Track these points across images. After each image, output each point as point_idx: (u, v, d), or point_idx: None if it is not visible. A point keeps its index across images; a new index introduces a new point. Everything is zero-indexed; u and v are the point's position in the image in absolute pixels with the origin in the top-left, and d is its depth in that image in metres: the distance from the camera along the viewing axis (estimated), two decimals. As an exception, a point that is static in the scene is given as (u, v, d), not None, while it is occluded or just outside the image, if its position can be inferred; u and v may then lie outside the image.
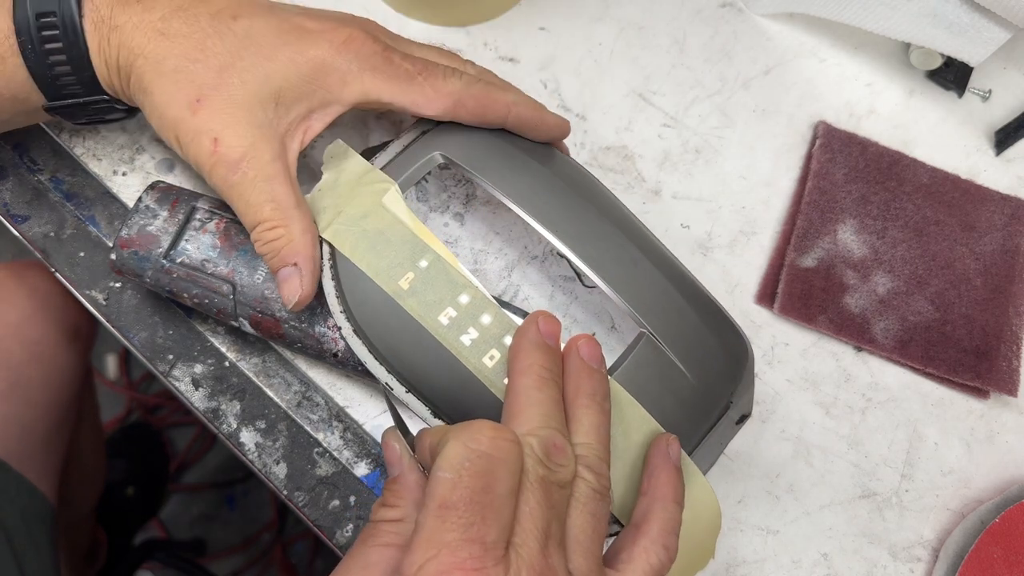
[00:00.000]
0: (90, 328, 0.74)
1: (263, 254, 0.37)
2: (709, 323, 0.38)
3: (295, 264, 0.36)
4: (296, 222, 0.36)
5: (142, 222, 0.39)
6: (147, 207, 0.39)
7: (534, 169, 0.38)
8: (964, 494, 0.45)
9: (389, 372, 0.36)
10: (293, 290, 0.36)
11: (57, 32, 0.35)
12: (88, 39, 0.36)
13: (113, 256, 0.39)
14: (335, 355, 0.39)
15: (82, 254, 0.45)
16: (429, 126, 0.40)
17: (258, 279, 0.38)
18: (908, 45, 0.52)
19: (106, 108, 0.39)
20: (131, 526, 1.10)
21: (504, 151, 0.39)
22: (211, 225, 0.39)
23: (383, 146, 0.40)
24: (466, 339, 0.35)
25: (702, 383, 0.37)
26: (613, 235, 0.38)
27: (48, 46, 0.35)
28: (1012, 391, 0.46)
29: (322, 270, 0.37)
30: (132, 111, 0.40)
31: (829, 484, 0.45)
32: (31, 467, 0.62)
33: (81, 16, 0.35)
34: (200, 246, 0.39)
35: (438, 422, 0.36)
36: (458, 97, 0.38)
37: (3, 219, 0.45)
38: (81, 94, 0.37)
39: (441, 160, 0.38)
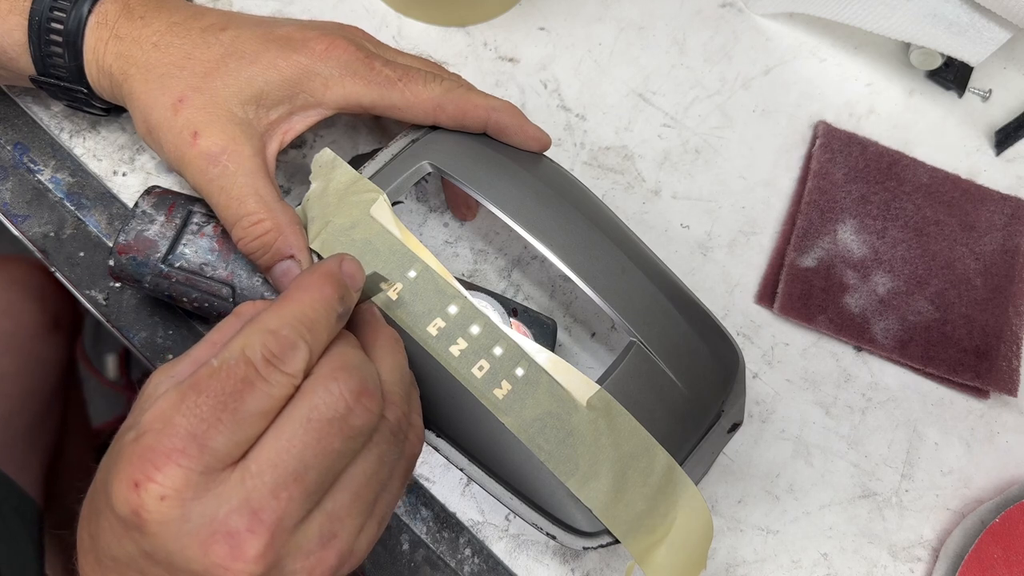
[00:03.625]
0: (72, 319, 0.74)
1: (251, 250, 0.37)
2: (700, 331, 0.38)
3: (292, 257, 0.36)
4: (282, 215, 0.36)
5: (139, 227, 0.39)
6: (144, 212, 0.39)
7: (523, 178, 0.38)
8: (964, 494, 0.45)
9: None
10: None
11: (64, 15, 0.37)
12: (87, 35, 0.38)
13: (111, 262, 0.39)
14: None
15: (82, 254, 0.45)
16: (418, 135, 0.40)
17: (257, 282, 0.38)
18: (908, 45, 0.52)
19: (84, 99, 0.40)
20: None
21: (493, 160, 0.39)
22: (208, 229, 0.39)
23: (372, 154, 0.40)
24: (455, 350, 0.34)
25: (693, 392, 0.36)
26: (602, 244, 0.37)
27: (52, 25, 0.38)
28: (1012, 391, 0.46)
29: None
30: (110, 110, 0.42)
31: (829, 484, 0.45)
32: (9, 461, 0.62)
33: (90, 13, 0.38)
34: (198, 250, 0.39)
35: (428, 433, 0.36)
36: (438, 101, 0.38)
37: (3, 218, 0.45)
38: (65, 78, 0.39)
39: (430, 169, 0.38)
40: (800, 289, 0.47)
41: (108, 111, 0.42)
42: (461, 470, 0.36)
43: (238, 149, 0.36)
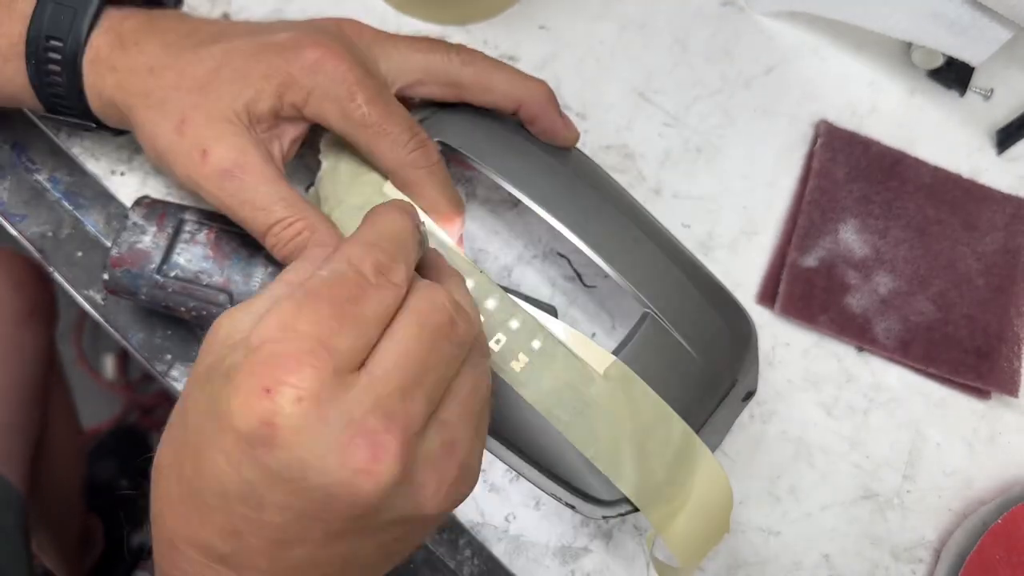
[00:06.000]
0: (49, 307, 0.73)
1: (287, 254, 0.36)
2: (712, 301, 0.38)
3: None
4: (312, 212, 0.36)
5: (132, 239, 0.38)
6: (135, 223, 0.39)
7: (533, 153, 0.39)
8: (966, 495, 0.45)
9: None
10: None
11: (59, 58, 0.37)
12: (85, 74, 0.37)
13: (106, 276, 0.38)
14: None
15: (80, 254, 0.44)
16: (428, 113, 0.40)
17: (254, 286, 0.38)
18: (910, 44, 0.51)
19: (99, 127, 0.40)
20: (128, 516, 1.09)
21: (503, 137, 0.39)
22: (201, 236, 0.39)
23: None
24: None
25: (707, 361, 0.37)
26: (614, 216, 0.38)
27: (49, 67, 0.37)
28: (1013, 391, 0.46)
29: None
30: (122, 132, 0.41)
31: (831, 485, 0.45)
32: None
33: (83, 52, 0.37)
34: (192, 258, 0.38)
35: None
36: (393, 167, 0.37)
37: (1, 218, 0.45)
38: (73, 114, 0.39)
39: (440, 147, 0.39)
40: (801, 289, 0.47)
41: (120, 132, 0.41)
42: None
43: (249, 160, 0.36)
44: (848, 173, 0.49)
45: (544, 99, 0.40)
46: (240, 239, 0.39)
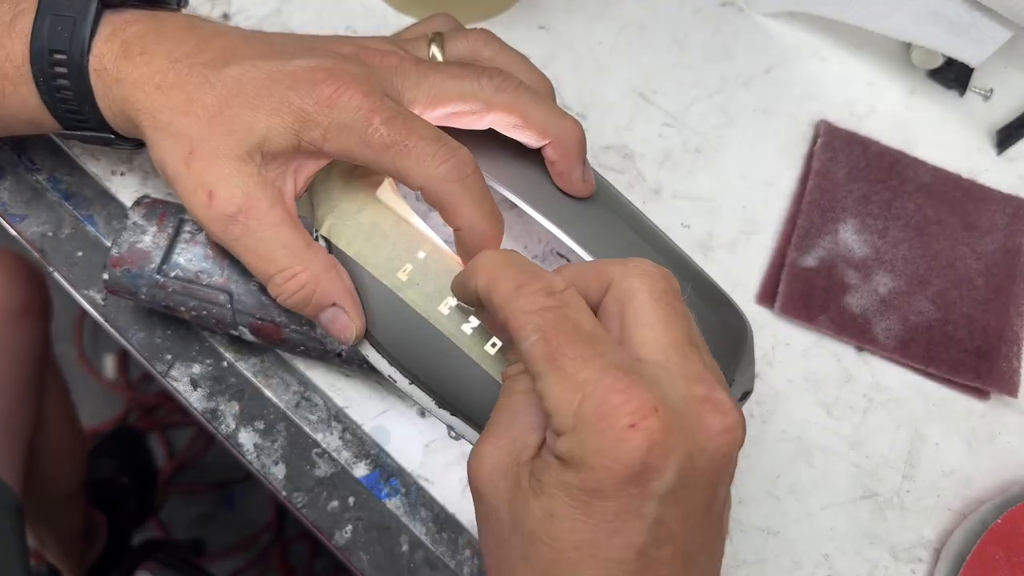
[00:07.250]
0: (43, 303, 0.73)
1: (291, 306, 0.36)
2: (707, 302, 0.38)
3: (334, 304, 0.35)
4: (315, 262, 0.35)
5: (132, 239, 0.38)
6: (135, 223, 0.39)
7: (527, 155, 0.39)
8: (965, 494, 0.45)
9: (391, 364, 0.36)
10: (344, 327, 0.36)
11: (66, 71, 0.35)
12: (93, 85, 0.36)
13: (106, 276, 0.38)
14: (339, 355, 0.39)
15: (80, 254, 0.45)
16: None
17: (254, 286, 0.38)
18: (909, 44, 0.52)
19: (115, 141, 0.38)
20: (130, 511, 1.10)
21: (497, 138, 0.39)
22: (201, 236, 0.39)
23: None
24: (467, 328, 0.35)
25: None
26: (606, 217, 0.38)
27: (58, 82, 0.35)
28: (1012, 392, 0.46)
29: None
30: (141, 145, 0.39)
31: (830, 485, 0.45)
32: None
33: (87, 61, 0.35)
34: (192, 258, 0.38)
35: (443, 412, 0.36)
36: (423, 184, 0.34)
37: (1, 218, 0.45)
38: (91, 128, 0.37)
39: None
40: (801, 289, 0.47)
41: (139, 145, 0.39)
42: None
43: (254, 204, 0.34)
44: (848, 173, 0.49)
45: (576, 141, 0.37)
46: None
